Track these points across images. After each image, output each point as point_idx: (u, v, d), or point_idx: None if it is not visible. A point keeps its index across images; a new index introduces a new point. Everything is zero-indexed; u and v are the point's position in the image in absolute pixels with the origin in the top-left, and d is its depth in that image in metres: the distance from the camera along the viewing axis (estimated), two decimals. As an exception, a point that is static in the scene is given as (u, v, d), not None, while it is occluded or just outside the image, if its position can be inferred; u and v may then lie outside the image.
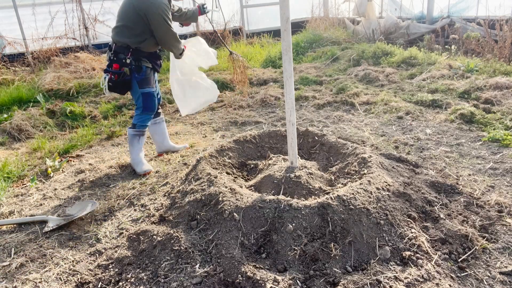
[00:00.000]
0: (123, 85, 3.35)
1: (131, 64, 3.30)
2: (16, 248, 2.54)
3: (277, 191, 2.62)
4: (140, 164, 3.53)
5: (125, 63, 3.27)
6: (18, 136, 4.67)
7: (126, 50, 3.28)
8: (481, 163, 3.32)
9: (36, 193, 3.33)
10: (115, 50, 3.30)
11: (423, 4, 8.65)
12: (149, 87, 3.44)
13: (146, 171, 3.51)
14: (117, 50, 3.29)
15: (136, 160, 3.54)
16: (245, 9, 10.16)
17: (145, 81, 3.41)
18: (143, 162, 3.57)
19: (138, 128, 3.50)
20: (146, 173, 3.50)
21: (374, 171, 2.70)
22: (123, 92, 3.47)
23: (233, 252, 2.19)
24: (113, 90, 3.35)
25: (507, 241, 2.32)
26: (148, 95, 3.45)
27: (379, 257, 2.16)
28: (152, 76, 3.52)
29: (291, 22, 2.47)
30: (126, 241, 2.49)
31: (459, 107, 4.49)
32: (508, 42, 6.02)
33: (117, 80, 3.27)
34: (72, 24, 8.25)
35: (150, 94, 3.47)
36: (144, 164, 3.55)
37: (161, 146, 3.91)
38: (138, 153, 3.54)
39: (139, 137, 3.52)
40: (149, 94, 3.46)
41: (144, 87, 3.42)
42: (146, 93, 3.44)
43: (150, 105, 3.49)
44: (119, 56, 3.28)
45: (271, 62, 7.80)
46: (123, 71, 3.27)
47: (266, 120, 4.82)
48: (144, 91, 3.42)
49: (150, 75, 3.45)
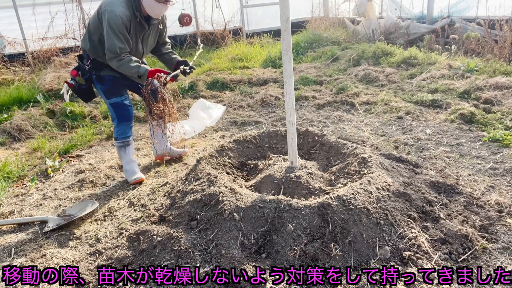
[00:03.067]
0: (82, 93, 3.19)
1: (90, 73, 3.09)
2: (16, 248, 2.54)
3: (277, 191, 2.62)
4: (130, 174, 3.36)
5: (85, 70, 3.09)
6: (18, 136, 4.67)
7: (87, 58, 3.09)
8: (481, 163, 3.32)
9: (36, 193, 3.33)
10: (79, 55, 3.16)
11: (423, 4, 8.65)
12: (116, 97, 3.18)
13: (135, 179, 3.33)
14: (80, 56, 3.14)
15: (126, 169, 3.39)
16: (245, 9, 10.16)
17: (110, 91, 3.15)
18: (134, 170, 3.38)
19: (120, 139, 3.32)
20: (137, 181, 3.34)
21: (374, 171, 2.70)
22: (85, 100, 3.30)
23: (233, 252, 2.19)
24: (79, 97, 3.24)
25: (507, 241, 2.32)
26: (117, 105, 3.20)
27: (379, 257, 2.16)
28: (122, 84, 3.23)
29: (291, 22, 2.47)
30: (126, 241, 2.49)
31: (459, 107, 4.49)
32: (508, 42, 6.02)
33: (73, 89, 3.12)
34: (72, 24, 8.24)
35: (119, 104, 3.20)
36: (135, 173, 3.37)
37: (160, 149, 3.74)
38: (128, 162, 3.38)
39: (125, 148, 3.35)
40: (118, 104, 3.20)
41: (110, 98, 3.17)
42: (114, 103, 3.19)
43: (122, 115, 3.23)
44: (80, 63, 3.13)
45: (271, 62, 7.80)
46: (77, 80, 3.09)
47: (266, 120, 4.82)
48: (111, 102, 3.19)
49: (117, 85, 3.18)
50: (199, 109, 3.70)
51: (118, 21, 2.83)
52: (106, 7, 2.87)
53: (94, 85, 3.23)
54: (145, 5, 2.94)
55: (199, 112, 3.72)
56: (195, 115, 3.68)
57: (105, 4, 2.91)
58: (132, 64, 2.94)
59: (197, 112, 3.70)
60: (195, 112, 3.68)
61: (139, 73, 2.95)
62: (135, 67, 2.95)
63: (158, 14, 3.01)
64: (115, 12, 2.83)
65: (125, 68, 2.95)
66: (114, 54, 2.90)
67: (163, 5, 2.95)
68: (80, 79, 3.11)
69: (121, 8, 2.86)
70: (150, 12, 2.98)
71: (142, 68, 2.97)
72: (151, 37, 3.24)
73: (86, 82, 3.16)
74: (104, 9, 2.88)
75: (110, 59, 2.93)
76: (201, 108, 3.72)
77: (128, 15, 2.89)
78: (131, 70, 2.95)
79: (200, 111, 3.73)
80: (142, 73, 2.96)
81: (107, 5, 2.88)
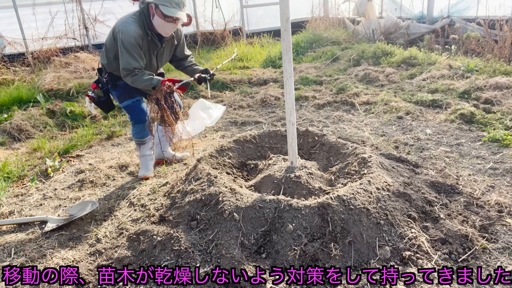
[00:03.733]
0: (102, 104, 3.36)
1: (108, 84, 3.23)
2: (16, 248, 2.54)
3: (277, 191, 2.62)
4: (141, 168, 3.50)
5: (103, 83, 3.24)
6: (18, 136, 4.67)
7: (105, 71, 3.24)
8: (481, 163, 3.32)
9: (36, 193, 3.33)
10: (98, 69, 3.31)
11: (423, 4, 8.65)
12: (127, 100, 3.28)
13: (142, 176, 3.44)
14: (100, 69, 3.30)
15: (141, 163, 3.53)
16: (245, 9, 10.16)
17: (123, 95, 3.27)
18: (145, 166, 3.49)
19: (136, 139, 3.46)
20: (143, 178, 3.43)
21: (374, 171, 2.70)
22: (105, 110, 3.47)
23: (233, 252, 2.19)
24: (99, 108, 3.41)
25: (507, 241, 2.32)
26: (129, 108, 3.30)
27: (379, 257, 2.16)
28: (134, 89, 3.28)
29: (291, 22, 2.47)
30: (126, 241, 2.49)
31: (459, 107, 4.49)
32: (508, 42, 6.02)
33: (93, 101, 3.28)
34: (72, 24, 8.24)
35: (132, 106, 3.30)
36: (144, 169, 3.48)
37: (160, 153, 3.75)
38: (141, 156, 3.51)
39: (140, 145, 3.47)
40: (131, 106, 3.30)
41: (123, 101, 3.28)
42: (126, 106, 3.30)
43: (136, 116, 3.32)
44: (100, 76, 3.28)
45: (271, 62, 7.80)
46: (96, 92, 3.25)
47: (266, 120, 4.82)
48: (124, 105, 3.30)
49: (129, 89, 3.25)
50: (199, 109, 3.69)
51: (131, 40, 2.93)
52: (120, 27, 2.98)
53: (111, 94, 3.37)
54: (155, 24, 3.02)
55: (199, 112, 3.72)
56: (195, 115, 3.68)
57: (119, 23, 3.03)
58: (145, 77, 3.03)
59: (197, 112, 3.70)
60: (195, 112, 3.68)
61: (152, 85, 3.04)
62: (148, 79, 3.03)
63: (168, 32, 3.08)
64: (128, 32, 2.93)
65: (139, 82, 3.04)
66: (128, 71, 3.00)
67: (172, 24, 3.01)
68: (98, 91, 3.26)
69: (134, 27, 2.96)
70: (160, 30, 3.05)
71: (154, 79, 3.05)
72: (165, 53, 3.33)
73: (105, 94, 3.31)
74: (118, 29, 2.99)
75: (125, 76, 3.04)
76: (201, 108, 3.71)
77: (141, 33, 2.99)
78: (145, 83, 3.04)
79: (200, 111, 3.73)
80: (155, 84, 3.04)
81: (120, 25, 2.99)
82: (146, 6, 3.02)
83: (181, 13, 2.94)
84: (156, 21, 2.99)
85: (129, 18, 3.02)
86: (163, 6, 2.88)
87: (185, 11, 3.01)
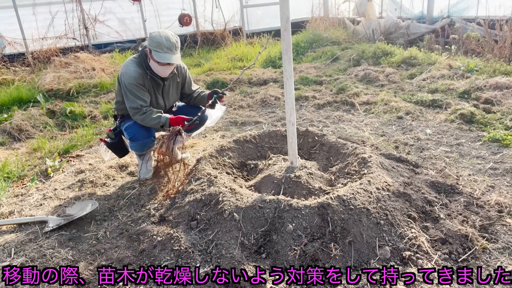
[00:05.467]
0: (115, 148, 3.38)
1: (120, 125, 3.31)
2: (16, 248, 2.54)
3: (277, 191, 2.62)
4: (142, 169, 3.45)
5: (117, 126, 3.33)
6: (18, 136, 4.67)
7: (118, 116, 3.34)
8: (481, 163, 3.32)
9: (36, 193, 3.33)
10: (114, 115, 3.42)
11: (423, 4, 8.65)
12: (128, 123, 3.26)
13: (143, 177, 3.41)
14: (115, 116, 3.39)
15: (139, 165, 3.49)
16: (245, 9, 10.16)
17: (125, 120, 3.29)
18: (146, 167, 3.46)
19: (134, 151, 3.39)
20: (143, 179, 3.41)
21: (374, 171, 2.70)
22: (119, 155, 3.49)
23: (233, 252, 2.19)
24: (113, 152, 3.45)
25: (507, 241, 2.32)
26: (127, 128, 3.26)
27: (379, 257, 2.16)
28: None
29: (291, 22, 2.47)
30: (126, 241, 2.49)
31: (459, 107, 4.49)
32: (508, 42, 6.02)
33: (107, 144, 3.33)
34: (72, 24, 8.25)
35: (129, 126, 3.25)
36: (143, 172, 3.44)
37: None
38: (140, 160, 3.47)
39: (138, 156, 3.44)
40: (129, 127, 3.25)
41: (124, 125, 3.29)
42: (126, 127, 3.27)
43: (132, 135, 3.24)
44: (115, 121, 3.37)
45: (271, 62, 7.81)
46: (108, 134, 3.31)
47: (266, 120, 4.82)
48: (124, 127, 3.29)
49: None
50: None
51: (132, 81, 3.02)
52: (121, 71, 3.09)
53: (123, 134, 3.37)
54: (152, 67, 3.10)
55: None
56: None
57: (121, 69, 3.13)
58: (153, 115, 3.09)
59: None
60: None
61: (161, 123, 3.08)
62: (157, 117, 3.09)
63: (164, 74, 3.14)
64: (128, 73, 3.03)
65: (148, 121, 3.10)
66: (136, 109, 3.06)
67: (167, 66, 3.06)
68: (110, 133, 3.32)
69: (134, 67, 3.06)
70: (158, 72, 3.12)
71: (163, 117, 3.10)
72: (171, 91, 3.37)
73: (116, 136, 3.35)
74: (120, 73, 3.10)
75: (134, 115, 3.10)
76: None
77: (141, 73, 3.08)
78: (154, 122, 3.09)
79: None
80: (163, 122, 3.08)
81: (122, 69, 3.11)
82: (143, 49, 3.12)
83: (174, 57, 2.99)
84: (152, 65, 3.07)
85: (130, 61, 3.13)
86: (155, 52, 2.95)
87: (178, 53, 3.04)
